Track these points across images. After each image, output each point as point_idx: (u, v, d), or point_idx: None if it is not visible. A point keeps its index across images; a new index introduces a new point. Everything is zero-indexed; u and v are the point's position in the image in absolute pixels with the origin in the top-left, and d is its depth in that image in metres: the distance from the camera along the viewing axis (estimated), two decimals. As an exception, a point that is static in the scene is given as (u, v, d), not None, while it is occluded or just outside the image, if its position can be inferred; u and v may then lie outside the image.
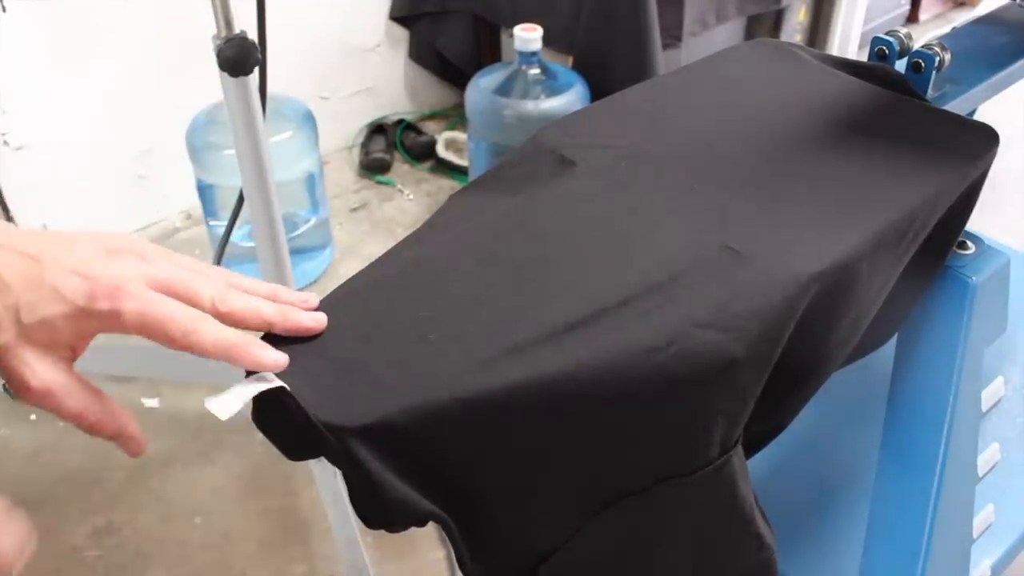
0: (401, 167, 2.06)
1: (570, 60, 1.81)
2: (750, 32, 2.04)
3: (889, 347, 0.71)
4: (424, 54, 2.14)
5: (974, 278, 0.66)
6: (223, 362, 0.43)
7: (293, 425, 0.42)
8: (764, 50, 0.74)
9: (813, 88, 0.67)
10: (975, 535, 0.81)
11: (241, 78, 0.97)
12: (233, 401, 0.41)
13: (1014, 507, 0.92)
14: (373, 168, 2.02)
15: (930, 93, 0.67)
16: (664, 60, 1.71)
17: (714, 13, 1.83)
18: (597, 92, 1.69)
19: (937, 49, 0.66)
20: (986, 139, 0.61)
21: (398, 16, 2.07)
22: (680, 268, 0.50)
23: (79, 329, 0.41)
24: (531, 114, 1.65)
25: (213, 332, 0.42)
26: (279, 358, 0.43)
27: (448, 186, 2.00)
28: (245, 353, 0.43)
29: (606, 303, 0.47)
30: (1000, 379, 0.77)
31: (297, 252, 1.60)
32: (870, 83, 0.68)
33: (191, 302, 0.43)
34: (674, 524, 0.54)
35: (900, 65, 0.69)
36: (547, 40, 1.68)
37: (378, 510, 0.44)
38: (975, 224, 0.65)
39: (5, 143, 1.60)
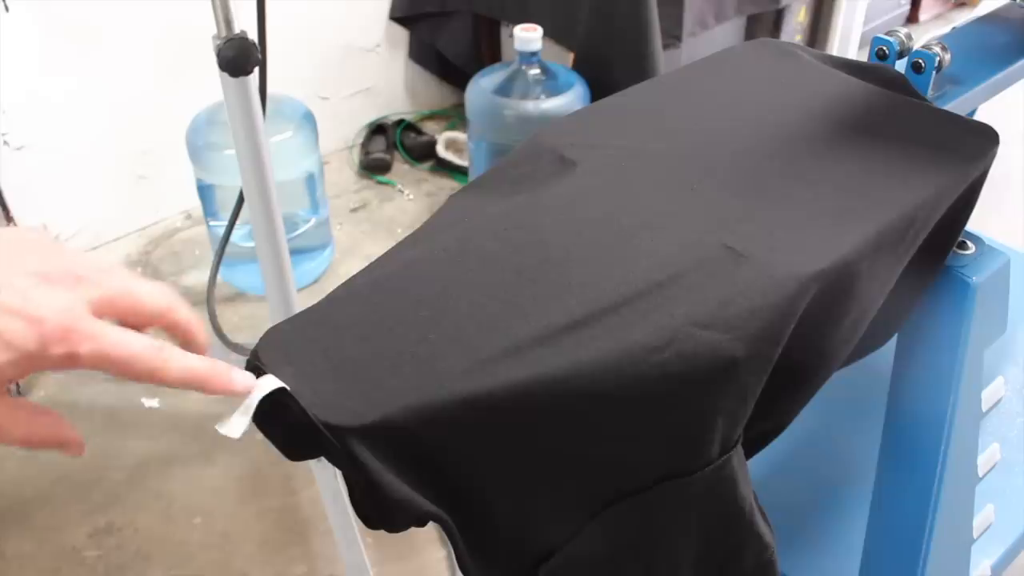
0: (401, 167, 2.06)
1: (570, 60, 1.81)
2: (750, 32, 2.04)
3: (889, 347, 0.71)
4: (424, 54, 2.14)
5: (974, 278, 0.66)
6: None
7: (293, 425, 0.42)
8: (764, 50, 0.74)
9: (813, 88, 0.67)
10: (975, 535, 0.81)
11: (241, 78, 0.97)
12: (241, 418, 0.41)
13: (1014, 507, 0.92)
14: (373, 168, 2.02)
15: (930, 93, 0.67)
16: (664, 60, 1.71)
17: (714, 13, 1.83)
18: (597, 92, 1.69)
19: (937, 49, 0.66)
20: (986, 139, 0.61)
21: (398, 16, 2.07)
22: (680, 268, 0.50)
23: (26, 371, 0.39)
24: (531, 114, 1.65)
25: (178, 364, 0.41)
26: (247, 381, 0.42)
27: (448, 186, 2.00)
28: (215, 383, 0.41)
29: (606, 303, 0.47)
30: (1000, 379, 0.77)
31: (297, 252, 1.60)
32: (870, 83, 0.68)
33: (133, 322, 0.41)
34: (674, 524, 0.53)
35: (900, 65, 0.69)
36: (549, 32, 1.68)
37: (378, 510, 0.44)
38: (975, 224, 0.65)
39: (5, 143, 1.60)
